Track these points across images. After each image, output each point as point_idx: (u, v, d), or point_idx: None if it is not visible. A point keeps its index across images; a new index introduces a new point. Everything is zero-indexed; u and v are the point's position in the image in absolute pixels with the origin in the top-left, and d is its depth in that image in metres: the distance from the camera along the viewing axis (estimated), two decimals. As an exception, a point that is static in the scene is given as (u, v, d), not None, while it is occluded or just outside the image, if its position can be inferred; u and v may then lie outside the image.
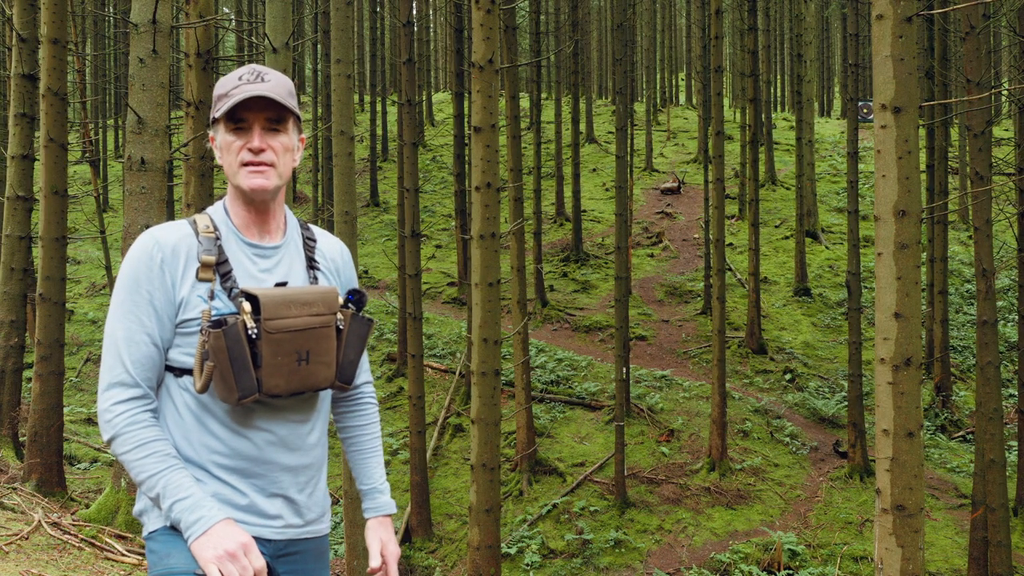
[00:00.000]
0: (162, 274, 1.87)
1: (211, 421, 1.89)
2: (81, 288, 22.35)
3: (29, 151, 9.26)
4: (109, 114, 34.13)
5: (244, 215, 1.99)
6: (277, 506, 1.95)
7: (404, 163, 14.54)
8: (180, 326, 1.88)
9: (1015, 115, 11.96)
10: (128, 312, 1.86)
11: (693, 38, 38.58)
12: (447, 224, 26.39)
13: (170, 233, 1.91)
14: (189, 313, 1.87)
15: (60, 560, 5.70)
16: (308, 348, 1.90)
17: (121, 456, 1.85)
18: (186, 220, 1.96)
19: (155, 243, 1.89)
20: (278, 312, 1.86)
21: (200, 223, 1.95)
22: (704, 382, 16.29)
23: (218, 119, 1.94)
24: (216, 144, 1.99)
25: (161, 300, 1.87)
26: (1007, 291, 19.01)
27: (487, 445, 7.79)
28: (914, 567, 5.02)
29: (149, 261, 1.87)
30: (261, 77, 1.93)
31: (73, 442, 13.27)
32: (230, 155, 1.94)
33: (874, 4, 5.12)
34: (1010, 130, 28.96)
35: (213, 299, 1.88)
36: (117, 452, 1.85)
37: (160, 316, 1.87)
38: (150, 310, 1.86)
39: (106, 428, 1.86)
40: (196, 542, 1.77)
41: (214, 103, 1.96)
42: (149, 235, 1.90)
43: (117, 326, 1.87)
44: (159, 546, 1.87)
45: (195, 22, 8.25)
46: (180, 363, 1.89)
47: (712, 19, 14.48)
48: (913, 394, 5.06)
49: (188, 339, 1.88)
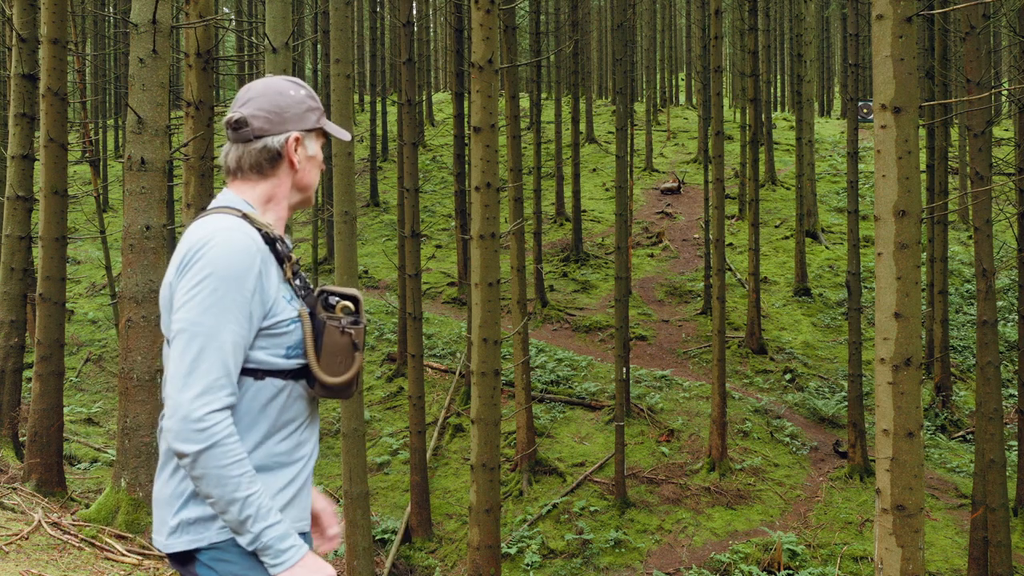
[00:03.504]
0: (261, 277, 1.83)
1: (285, 427, 1.90)
2: (81, 288, 22.35)
3: (29, 151, 9.26)
4: (109, 114, 34.13)
5: (282, 221, 2.02)
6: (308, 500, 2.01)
7: (404, 163, 14.54)
8: (272, 328, 1.85)
9: (1015, 115, 11.96)
10: (233, 314, 1.77)
11: (693, 38, 38.59)
12: (447, 224, 26.39)
13: (254, 234, 1.87)
14: (281, 315, 1.86)
15: (60, 560, 5.70)
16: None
17: (214, 469, 1.72)
18: (236, 217, 1.89)
19: (253, 242, 1.84)
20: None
21: (260, 221, 1.92)
22: (704, 382, 16.29)
23: (314, 130, 2.03)
24: (305, 150, 2.02)
25: (256, 303, 1.82)
26: (1007, 291, 19.01)
27: (487, 445, 7.79)
28: (914, 567, 5.02)
29: (252, 263, 1.81)
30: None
31: (73, 442, 13.28)
32: (314, 168, 2.03)
33: (874, 4, 5.12)
34: (1010, 130, 28.95)
35: (292, 299, 1.91)
36: (210, 464, 1.71)
37: (252, 321, 1.81)
38: (248, 314, 1.80)
39: (200, 437, 1.71)
40: (289, 571, 1.78)
41: (305, 111, 2.00)
42: (241, 233, 1.83)
43: (223, 327, 1.76)
44: (239, 560, 1.82)
45: (195, 22, 8.25)
46: (267, 364, 1.85)
47: (712, 19, 14.48)
48: (913, 394, 5.06)
49: (277, 339, 1.86)
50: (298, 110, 1.98)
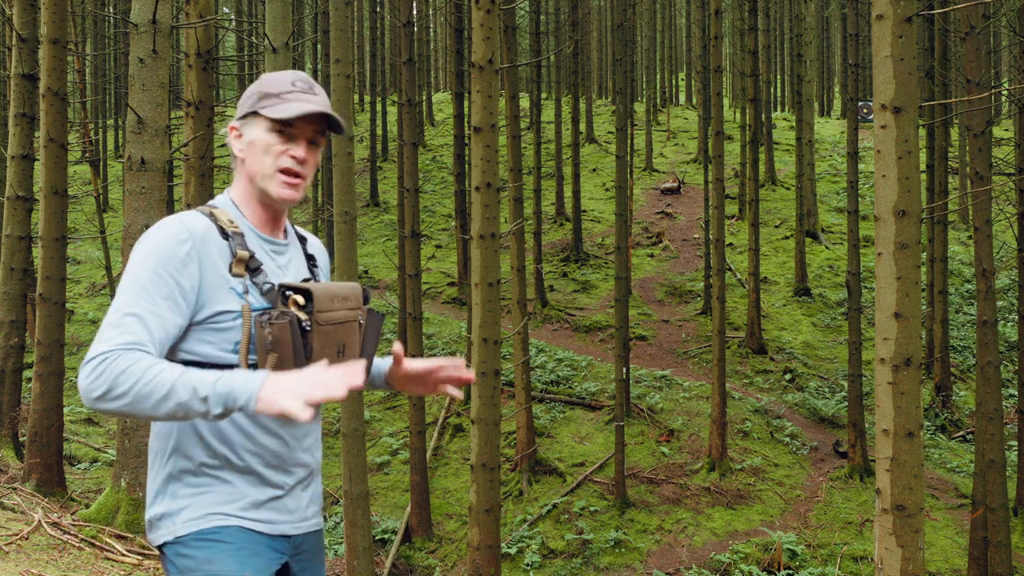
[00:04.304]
0: (189, 260, 1.79)
1: (240, 417, 1.86)
2: (81, 288, 22.35)
3: (29, 151, 9.26)
4: (109, 114, 34.13)
5: (260, 213, 1.98)
6: (296, 501, 1.96)
7: (404, 163, 14.54)
8: (212, 319, 1.82)
9: (1015, 115, 11.96)
10: (149, 293, 1.75)
11: (693, 38, 38.58)
12: (447, 224, 26.39)
13: (197, 221, 1.84)
14: (223, 307, 1.82)
15: (60, 560, 5.70)
16: (345, 341, 1.93)
17: (130, 391, 1.63)
18: (199, 211, 1.89)
19: (184, 228, 1.82)
20: (327, 305, 1.88)
21: (221, 217, 1.90)
22: (704, 382, 16.28)
23: (261, 115, 1.92)
24: (243, 137, 1.95)
25: (185, 287, 1.78)
26: (1007, 291, 19.00)
27: (487, 445, 7.79)
28: (914, 567, 5.02)
29: (178, 245, 1.79)
30: (313, 89, 1.94)
31: (73, 442, 13.28)
32: (268, 156, 1.91)
33: (874, 4, 5.12)
34: (1010, 130, 28.95)
35: (247, 294, 1.86)
36: (120, 390, 1.63)
37: (178, 303, 1.77)
38: (169, 293, 1.76)
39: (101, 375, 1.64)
40: (262, 397, 1.62)
41: (258, 98, 1.93)
42: (176, 220, 1.83)
43: (137, 303, 1.73)
44: (197, 552, 1.80)
45: (195, 22, 8.25)
46: (213, 358, 1.83)
47: (712, 19, 14.48)
48: (913, 394, 5.06)
49: (222, 334, 1.83)
50: (249, 101, 1.95)
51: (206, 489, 1.85)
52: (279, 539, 1.92)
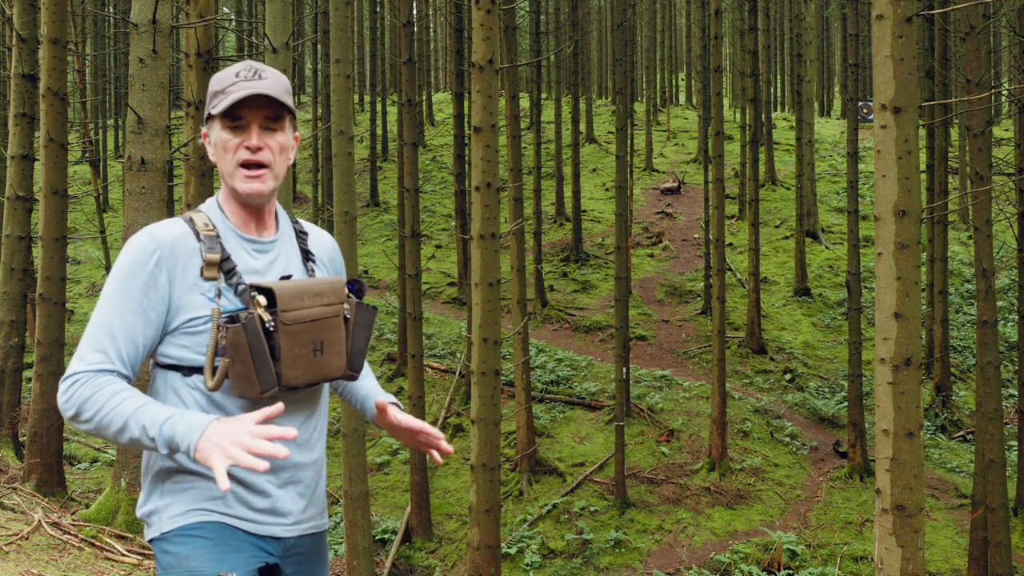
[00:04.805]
0: (158, 271, 1.83)
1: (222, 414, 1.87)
2: (81, 288, 22.35)
3: (29, 151, 9.25)
4: (109, 114, 34.13)
5: (240, 213, 1.97)
6: (289, 503, 1.94)
7: (404, 163, 14.54)
8: (186, 325, 1.84)
9: (1015, 115, 11.96)
10: (119, 308, 1.82)
11: (693, 38, 38.58)
12: (447, 224, 26.39)
13: (168, 231, 1.87)
14: (195, 312, 1.84)
15: (60, 560, 5.70)
16: (322, 338, 1.90)
17: (93, 419, 1.75)
18: (181, 218, 1.92)
19: (152, 240, 1.85)
20: (293, 303, 1.86)
21: (198, 221, 1.91)
22: (704, 382, 16.28)
23: (214, 116, 1.91)
24: (210, 141, 1.96)
25: (153, 298, 1.82)
26: (1007, 291, 19.00)
27: (487, 445, 7.79)
28: (914, 567, 5.02)
29: (145, 258, 1.83)
30: (258, 74, 1.91)
31: (73, 442, 13.28)
32: (227, 154, 1.91)
33: (874, 4, 5.12)
34: (1010, 130, 28.95)
35: (220, 297, 1.86)
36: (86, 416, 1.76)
37: (148, 315, 1.83)
38: (139, 307, 1.82)
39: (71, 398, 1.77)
40: (200, 447, 1.67)
41: (209, 99, 1.93)
42: (146, 232, 1.86)
43: (110, 320, 1.82)
44: (177, 548, 1.83)
45: (195, 22, 8.25)
46: (189, 361, 1.85)
47: (712, 19, 14.48)
48: (913, 394, 5.06)
49: (196, 338, 1.84)
50: (212, 99, 1.94)
51: (190, 486, 1.86)
52: (267, 539, 1.91)
